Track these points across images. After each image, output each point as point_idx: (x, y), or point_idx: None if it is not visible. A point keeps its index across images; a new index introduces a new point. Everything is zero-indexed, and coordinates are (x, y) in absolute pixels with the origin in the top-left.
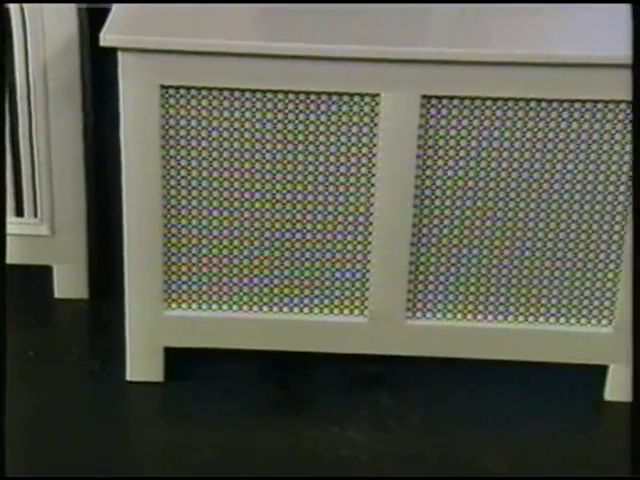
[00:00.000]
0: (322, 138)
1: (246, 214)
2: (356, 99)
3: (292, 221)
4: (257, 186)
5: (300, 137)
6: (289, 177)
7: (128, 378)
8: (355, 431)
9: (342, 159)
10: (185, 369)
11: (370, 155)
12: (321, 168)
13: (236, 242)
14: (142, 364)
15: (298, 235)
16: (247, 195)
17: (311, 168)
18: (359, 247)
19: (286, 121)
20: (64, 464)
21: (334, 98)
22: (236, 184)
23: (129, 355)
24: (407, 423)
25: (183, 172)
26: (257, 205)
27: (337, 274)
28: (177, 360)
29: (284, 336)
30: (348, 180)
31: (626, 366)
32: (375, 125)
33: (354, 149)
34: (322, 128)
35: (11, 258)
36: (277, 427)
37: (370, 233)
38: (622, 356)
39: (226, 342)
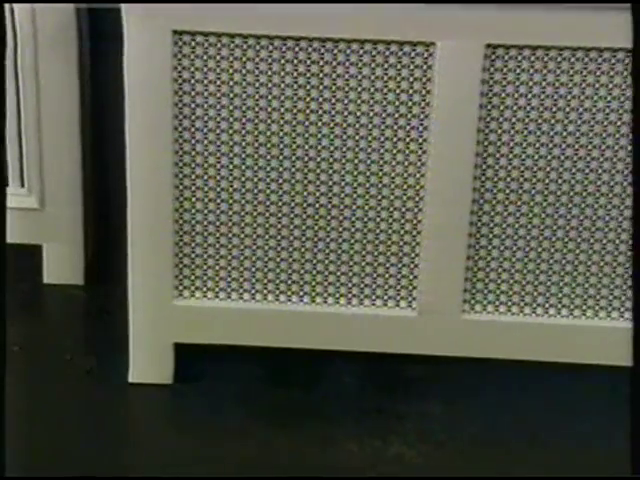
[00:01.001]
0: (364, 95)
1: (273, 186)
2: (406, 49)
3: (325, 196)
4: (286, 153)
5: (339, 94)
6: (323, 144)
7: (131, 379)
8: (400, 446)
9: (387, 123)
10: (197, 370)
11: (422, 117)
12: (362, 132)
13: (261, 219)
14: (148, 363)
15: (331, 213)
16: (274, 164)
17: (349, 132)
18: (407, 226)
19: (322, 74)
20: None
21: (379, 47)
22: (261, 150)
23: (132, 352)
24: (461, 437)
25: (198, 135)
26: (286, 176)
27: (379, 259)
28: (188, 359)
29: (314, 332)
30: (394, 148)
31: None
32: (428, 80)
33: (402, 110)
34: (361, 83)
35: None
36: (304, 439)
37: (420, 210)
38: None
39: (246, 338)
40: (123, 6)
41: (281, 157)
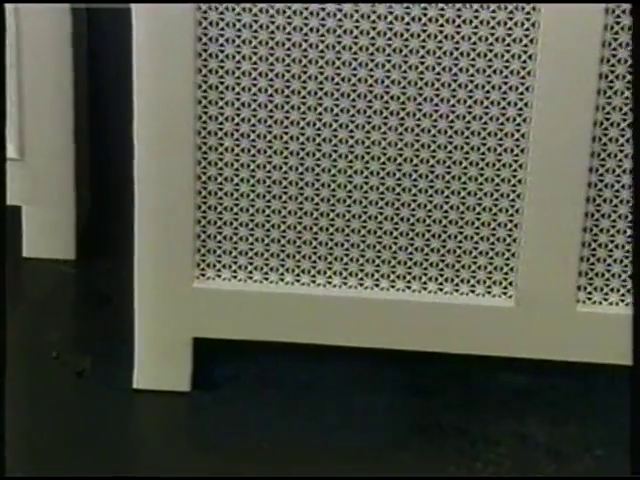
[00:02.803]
0: (447, 45)
1: (325, 148)
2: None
3: (396, 160)
4: (336, 112)
5: (413, 44)
6: (396, 95)
7: (136, 385)
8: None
9: (478, 79)
10: (223, 373)
11: (523, 73)
12: (460, 94)
13: (316, 185)
14: (158, 364)
15: (401, 180)
16: (327, 119)
17: (427, 93)
18: (503, 202)
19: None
20: None
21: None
22: (307, 111)
23: (138, 349)
24: (571, 468)
25: (229, 95)
26: (341, 136)
27: (466, 237)
28: (211, 359)
29: (379, 325)
30: (492, 114)
31: None
32: (533, 26)
33: (508, 62)
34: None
35: None
36: (358, 463)
37: (520, 181)
38: None
39: (288, 333)
40: None
41: (338, 115)
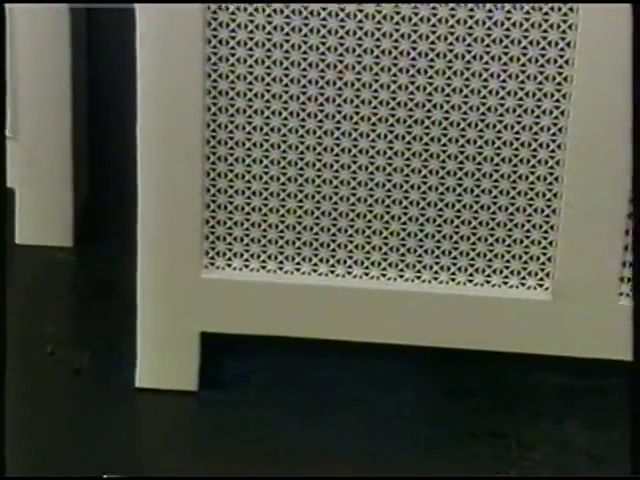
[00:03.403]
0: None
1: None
2: None
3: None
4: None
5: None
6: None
7: (138, 384)
8: None
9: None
10: (234, 371)
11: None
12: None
13: (335, 167)
14: (163, 361)
15: (427, 161)
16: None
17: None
18: (539, 186)
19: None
20: None
21: None
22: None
23: (140, 345)
24: (615, 476)
25: (240, 68)
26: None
27: (498, 224)
28: (220, 356)
29: (403, 320)
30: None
31: None
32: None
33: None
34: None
35: None
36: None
37: (558, 163)
38: None
39: (305, 329)
40: None
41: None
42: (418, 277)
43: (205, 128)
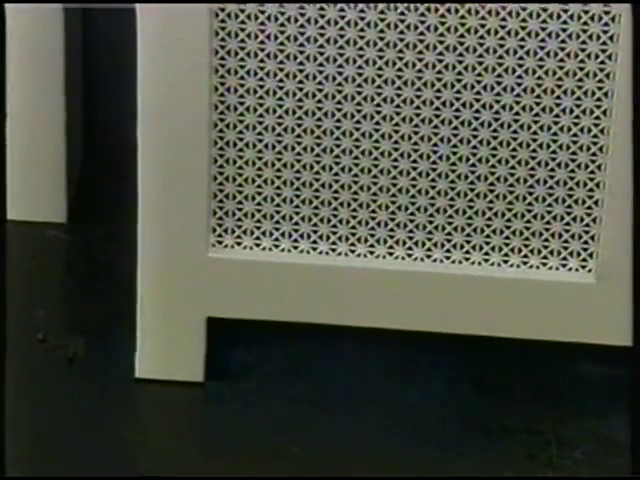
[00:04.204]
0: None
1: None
2: None
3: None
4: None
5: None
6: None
7: (138, 374)
8: None
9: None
10: (242, 361)
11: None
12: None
13: (356, 135)
14: (165, 349)
15: (458, 130)
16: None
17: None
18: (581, 157)
19: None
20: None
21: None
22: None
23: (141, 332)
24: None
25: (251, 26)
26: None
27: (536, 199)
28: (228, 344)
29: (431, 305)
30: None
31: None
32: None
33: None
34: None
35: None
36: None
37: (602, 131)
38: None
39: (322, 314)
40: None
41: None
42: (447, 257)
43: (213, 92)
